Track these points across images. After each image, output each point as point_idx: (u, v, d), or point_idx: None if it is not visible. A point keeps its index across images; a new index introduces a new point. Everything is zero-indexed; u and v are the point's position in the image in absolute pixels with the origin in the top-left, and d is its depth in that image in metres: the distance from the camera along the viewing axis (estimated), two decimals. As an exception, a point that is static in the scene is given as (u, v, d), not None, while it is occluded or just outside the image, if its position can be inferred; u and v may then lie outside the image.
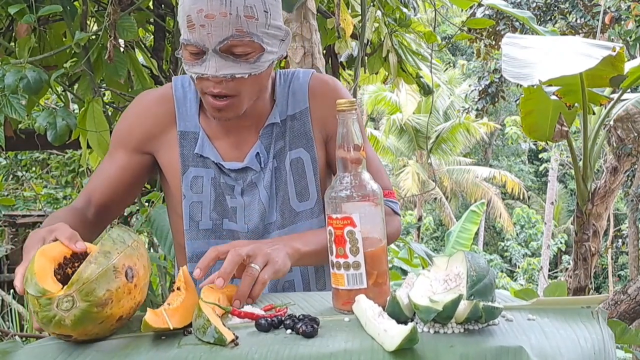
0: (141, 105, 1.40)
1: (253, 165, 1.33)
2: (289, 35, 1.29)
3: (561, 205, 19.07)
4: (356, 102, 1.05)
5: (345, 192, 1.02)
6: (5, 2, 2.23)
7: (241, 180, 1.34)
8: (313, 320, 0.94)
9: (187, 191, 1.34)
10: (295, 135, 1.36)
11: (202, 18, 1.18)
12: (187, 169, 1.34)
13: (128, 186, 1.37)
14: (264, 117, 1.35)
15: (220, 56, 1.20)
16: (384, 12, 3.10)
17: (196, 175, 1.34)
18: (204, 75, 1.21)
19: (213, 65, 1.20)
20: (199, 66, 1.21)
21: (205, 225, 1.34)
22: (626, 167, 3.93)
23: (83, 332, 0.92)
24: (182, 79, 1.39)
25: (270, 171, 1.34)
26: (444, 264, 0.97)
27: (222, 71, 1.20)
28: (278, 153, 1.35)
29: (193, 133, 1.34)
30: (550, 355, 0.84)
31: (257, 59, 1.22)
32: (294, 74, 1.40)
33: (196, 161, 1.34)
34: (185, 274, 1.07)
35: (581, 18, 7.37)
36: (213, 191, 1.34)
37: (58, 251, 0.99)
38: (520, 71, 2.39)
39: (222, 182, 1.34)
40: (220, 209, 1.34)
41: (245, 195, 1.34)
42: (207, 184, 1.34)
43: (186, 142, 1.34)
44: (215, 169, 1.34)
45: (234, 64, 1.21)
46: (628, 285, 3.50)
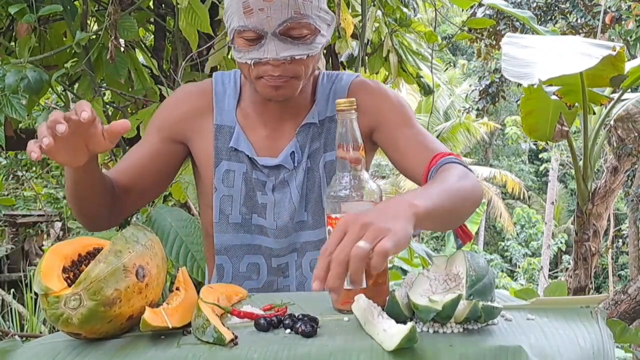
0: (181, 96, 1.42)
1: (286, 164, 1.34)
2: (334, 21, 1.31)
3: (561, 205, 19.07)
4: (355, 101, 1.05)
5: (344, 191, 1.02)
6: (5, 2, 2.23)
7: (273, 177, 1.35)
8: (312, 320, 0.94)
9: (218, 184, 1.36)
10: (332, 138, 1.35)
11: (260, 2, 1.20)
12: (219, 162, 1.35)
13: (153, 173, 1.37)
14: (302, 115, 1.36)
15: (279, 39, 1.22)
16: (384, 12, 3.10)
17: (228, 169, 1.35)
18: (264, 59, 1.22)
19: (272, 48, 1.22)
20: (256, 51, 1.23)
21: (235, 219, 1.36)
22: (626, 167, 3.94)
23: (91, 331, 0.92)
24: (222, 75, 1.42)
25: (303, 171, 1.34)
26: (444, 264, 0.97)
27: (282, 53, 1.22)
28: (313, 153, 1.35)
29: (229, 127, 1.36)
30: (549, 355, 0.84)
31: (313, 40, 1.25)
32: (338, 76, 1.40)
33: (229, 155, 1.35)
34: (184, 274, 1.07)
35: (581, 18, 7.37)
36: (244, 186, 1.35)
37: (71, 249, 0.99)
38: (520, 70, 2.39)
39: (253, 177, 1.35)
40: (250, 204, 1.35)
41: (276, 192, 1.34)
42: (238, 178, 1.35)
43: (221, 136, 1.36)
44: (248, 164, 1.35)
45: (292, 46, 1.23)
46: (628, 285, 3.50)
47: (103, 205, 1.30)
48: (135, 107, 2.61)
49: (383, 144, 1.37)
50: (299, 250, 1.36)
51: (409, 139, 1.32)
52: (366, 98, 1.35)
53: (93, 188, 1.25)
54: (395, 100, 1.38)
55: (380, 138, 1.36)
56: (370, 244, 0.86)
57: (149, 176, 1.38)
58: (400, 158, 1.33)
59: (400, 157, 1.33)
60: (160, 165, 1.38)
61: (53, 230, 6.74)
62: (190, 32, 2.30)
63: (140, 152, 1.39)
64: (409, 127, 1.34)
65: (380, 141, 1.37)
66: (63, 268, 0.95)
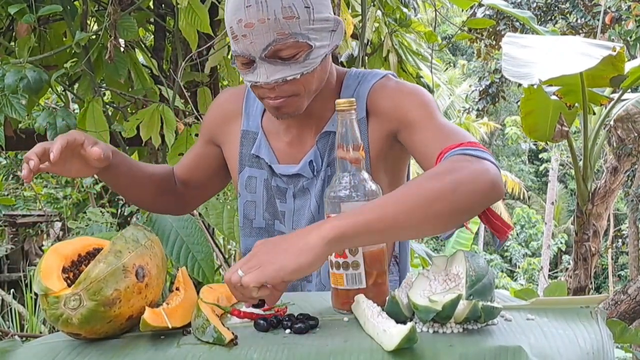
0: (219, 100, 1.48)
1: (305, 173, 1.31)
2: (341, 24, 1.25)
3: (561, 205, 19.06)
4: (354, 101, 1.05)
5: (344, 191, 1.02)
6: (5, 2, 2.23)
7: (292, 185, 1.33)
8: (312, 320, 0.94)
9: (242, 190, 1.38)
10: None
11: (242, 28, 1.17)
12: (243, 168, 1.38)
13: (203, 171, 1.47)
14: (325, 121, 1.31)
15: (269, 62, 1.18)
16: (384, 12, 3.10)
17: (250, 176, 1.37)
18: (257, 83, 1.21)
19: (263, 72, 1.19)
20: (251, 74, 1.21)
21: (259, 224, 1.38)
22: (626, 167, 3.93)
23: (91, 331, 0.92)
24: None
25: (322, 180, 1.31)
26: (443, 264, 0.97)
27: (273, 77, 1.18)
28: (332, 162, 1.30)
29: (253, 133, 1.37)
30: (549, 355, 0.84)
31: (306, 57, 1.19)
32: (364, 76, 1.32)
33: (252, 161, 1.37)
34: (184, 274, 1.07)
35: (581, 18, 7.37)
36: (265, 193, 1.36)
37: (71, 249, 0.99)
38: (520, 70, 2.39)
39: (273, 185, 1.35)
40: (272, 210, 1.37)
41: (297, 200, 1.33)
42: (260, 185, 1.36)
43: (246, 142, 1.37)
44: (268, 171, 1.35)
45: (284, 67, 1.18)
46: (628, 285, 3.50)
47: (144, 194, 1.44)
48: (135, 107, 2.61)
49: (407, 146, 1.27)
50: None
51: (428, 137, 1.21)
52: (385, 102, 1.28)
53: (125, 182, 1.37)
54: (415, 98, 1.26)
55: (404, 139, 1.27)
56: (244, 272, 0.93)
57: (201, 173, 1.47)
58: (421, 158, 1.23)
59: (422, 157, 1.22)
60: (207, 164, 1.47)
61: (53, 230, 6.74)
62: (190, 32, 2.30)
63: (193, 151, 1.50)
64: (430, 124, 1.23)
65: (404, 142, 1.27)
66: (63, 268, 0.96)
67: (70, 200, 5.17)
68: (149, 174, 1.43)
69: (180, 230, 2.23)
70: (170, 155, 2.42)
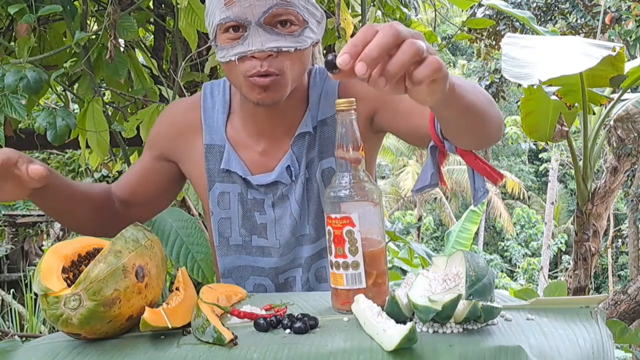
0: (170, 113, 1.38)
1: (283, 179, 1.28)
2: (324, 19, 1.25)
3: (561, 205, 19.07)
4: (354, 101, 1.05)
5: (344, 191, 1.02)
6: (5, 2, 2.23)
7: (271, 194, 1.29)
8: (311, 320, 0.94)
9: (214, 208, 1.31)
10: (326, 143, 1.29)
11: None
12: (213, 185, 1.30)
13: (149, 188, 1.37)
14: (296, 124, 1.28)
15: (264, 29, 1.14)
16: (384, 12, 3.10)
17: (222, 191, 1.30)
18: (249, 52, 1.14)
19: (257, 40, 1.14)
20: (240, 45, 1.15)
21: (235, 241, 1.32)
22: (626, 167, 3.93)
23: (91, 331, 0.92)
24: (211, 86, 1.35)
25: (302, 184, 1.28)
26: (443, 264, 0.97)
27: (268, 44, 1.14)
28: (310, 164, 1.29)
29: (219, 146, 1.30)
30: (549, 355, 0.84)
31: (301, 33, 1.18)
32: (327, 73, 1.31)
33: (222, 176, 1.30)
34: (184, 274, 1.07)
35: (581, 18, 7.37)
36: (240, 207, 1.30)
37: (71, 249, 0.99)
38: (520, 71, 2.39)
39: (249, 198, 1.29)
40: (249, 225, 1.30)
41: (276, 208, 1.29)
42: (234, 200, 1.30)
43: (212, 156, 1.30)
44: (242, 184, 1.29)
45: (279, 37, 1.15)
46: (628, 285, 3.50)
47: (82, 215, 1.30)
48: (135, 107, 2.61)
49: (387, 121, 1.27)
50: (303, 266, 1.31)
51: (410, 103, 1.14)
52: (359, 86, 1.26)
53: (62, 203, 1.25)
54: None
55: (384, 117, 1.27)
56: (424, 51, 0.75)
57: (147, 190, 1.37)
58: (406, 124, 1.22)
59: (406, 122, 1.22)
60: (156, 181, 1.37)
61: (53, 230, 6.74)
62: (190, 32, 2.30)
63: (137, 167, 1.39)
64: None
65: (383, 120, 1.27)
66: (63, 268, 0.96)
67: (70, 200, 5.16)
68: (86, 194, 1.30)
69: (180, 231, 2.23)
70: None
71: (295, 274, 1.32)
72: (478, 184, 1.19)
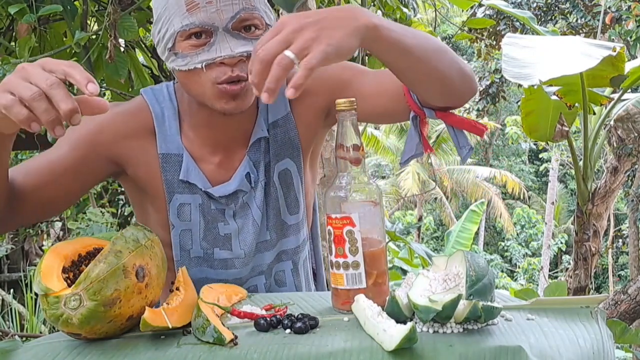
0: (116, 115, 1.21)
1: (243, 187, 1.23)
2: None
3: (561, 205, 19.07)
4: (355, 101, 1.05)
5: (344, 191, 1.02)
6: (5, 2, 2.23)
7: (233, 204, 1.24)
8: (311, 320, 0.94)
9: (174, 220, 1.22)
10: (280, 145, 1.26)
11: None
12: (172, 196, 1.22)
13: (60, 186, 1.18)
14: (249, 130, 1.24)
15: (231, 34, 1.11)
16: (384, 12, 3.10)
17: (182, 203, 1.22)
18: (218, 58, 1.10)
19: (226, 45, 1.10)
20: (207, 52, 1.10)
21: (196, 253, 1.25)
22: (626, 167, 3.93)
23: (91, 331, 0.92)
24: (153, 92, 1.25)
25: (261, 189, 1.24)
26: (443, 264, 0.97)
27: (238, 49, 1.10)
28: (267, 168, 1.25)
29: (176, 155, 1.21)
30: (549, 355, 0.84)
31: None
32: None
33: (182, 187, 1.22)
34: (184, 274, 1.07)
35: (582, 18, 7.37)
36: (202, 219, 1.23)
37: (71, 249, 0.99)
38: (520, 71, 2.39)
39: (212, 208, 1.23)
40: (211, 237, 1.24)
41: (238, 218, 1.24)
42: (195, 212, 1.23)
43: (169, 166, 1.21)
44: (202, 196, 1.23)
45: (246, 42, 1.11)
46: (628, 285, 3.50)
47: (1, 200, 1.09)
48: (135, 107, 2.61)
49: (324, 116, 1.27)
50: (265, 272, 1.29)
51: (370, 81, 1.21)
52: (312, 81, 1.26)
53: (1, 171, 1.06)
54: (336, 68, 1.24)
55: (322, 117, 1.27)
56: (297, 55, 0.87)
57: (55, 188, 1.17)
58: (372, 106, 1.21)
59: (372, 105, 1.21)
60: (74, 180, 1.19)
61: (53, 230, 6.74)
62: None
63: (54, 161, 1.18)
64: (364, 75, 1.23)
65: None
66: (63, 268, 0.96)
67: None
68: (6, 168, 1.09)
69: (181, 230, 2.23)
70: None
71: (257, 282, 1.29)
72: (462, 142, 1.20)
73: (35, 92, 0.85)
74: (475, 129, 1.19)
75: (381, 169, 18.89)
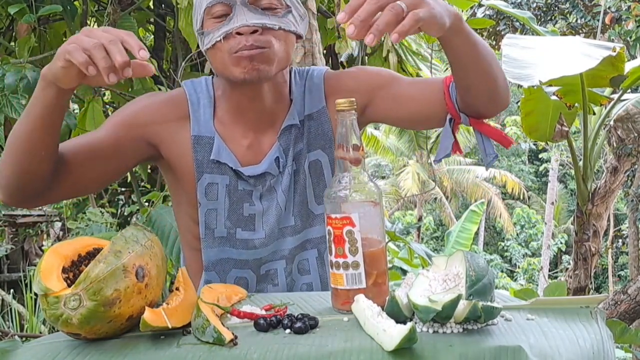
0: (157, 100, 1.34)
1: (272, 170, 1.30)
2: (307, 18, 1.30)
3: (561, 205, 19.07)
4: (355, 101, 1.05)
5: (344, 191, 1.02)
6: (5, 2, 2.24)
7: (260, 186, 1.30)
8: (311, 320, 0.94)
9: (202, 198, 1.30)
10: (314, 136, 1.33)
11: None
12: (201, 176, 1.29)
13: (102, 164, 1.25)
14: (281, 118, 1.32)
15: (249, 8, 1.20)
16: (384, 12, 3.09)
17: (211, 182, 1.30)
18: (234, 27, 1.19)
19: (242, 17, 1.19)
20: (225, 26, 1.20)
21: (220, 232, 1.31)
22: (626, 167, 3.93)
23: (91, 331, 0.92)
24: (192, 83, 1.35)
25: (289, 175, 1.31)
26: (443, 264, 0.97)
27: (253, 20, 1.19)
28: (297, 155, 1.32)
29: (208, 138, 1.30)
30: (549, 355, 0.84)
31: (284, 15, 1.23)
32: (308, 72, 1.38)
33: (211, 167, 1.29)
34: (184, 274, 1.07)
35: (581, 18, 7.37)
36: (227, 199, 1.30)
37: (71, 249, 0.99)
38: (520, 72, 2.39)
39: (239, 188, 1.30)
40: (235, 217, 1.30)
41: (264, 200, 1.31)
42: (222, 191, 1.30)
43: (200, 147, 1.29)
44: (231, 176, 1.30)
45: (263, 16, 1.20)
46: (628, 285, 3.50)
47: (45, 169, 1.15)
48: (135, 107, 2.61)
49: (383, 110, 1.34)
50: (287, 257, 1.33)
51: (407, 86, 1.32)
52: (347, 81, 1.35)
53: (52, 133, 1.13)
54: (374, 70, 1.38)
55: (379, 106, 1.33)
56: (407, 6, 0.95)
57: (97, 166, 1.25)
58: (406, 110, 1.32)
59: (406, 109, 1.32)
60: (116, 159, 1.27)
61: (53, 230, 6.74)
62: (190, 32, 2.30)
63: (99, 139, 1.26)
64: (401, 80, 1.34)
65: (378, 110, 1.34)
66: (63, 268, 0.95)
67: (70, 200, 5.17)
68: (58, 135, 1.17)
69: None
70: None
71: (277, 266, 1.33)
72: (489, 150, 1.30)
73: (96, 42, 0.98)
74: (504, 140, 1.29)
75: (381, 169, 18.90)
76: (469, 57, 1.16)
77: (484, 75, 1.19)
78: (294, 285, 1.34)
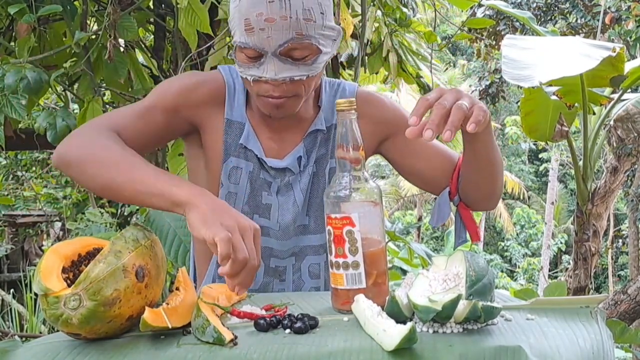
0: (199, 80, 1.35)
1: (293, 167, 1.34)
2: (340, 35, 1.30)
3: (561, 205, 19.07)
4: (354, 101, 1.05)
5: (344, 191, 1.02)
6: (5, 2, 2.23)
7: (279, 179, 1.34)
8: (311, 320, 0.94)
9: (225, 180, 1.33)
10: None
11: (261, 22, 1.17)
12: (228, 158, 1.33)
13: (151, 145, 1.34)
14: (308, 122, 1.36)
15: (279, 59, 1.20)
16: (384, 12, 3.10)
17: (236, 166, 1.33)
18: (263, 78, 1.21)
19: (272, 68, 1.20)
20: (256, 69, 1.22)
21: None
22: (626, 167, 3.93)
23: (91, 331, 0.92)
24: (229, 68, 1.38)
25: (308, 175, 1.35)
26: (443, 264, 0.97)
27: (282, 74, 1.20)
28: (320, 159, 1.36)
29: (239, 123, 1.34)
30: (549, 355, 0.84)
31: (314, 61, 1.23)
32: (340, 85, 1.42)
33: (238, 151, 1.33)
34: (183, 274, 1.07)
35: (581, 18, 7.37)
36: (249, 185, 1.33)
37: (71, 249, 0.99)
38: (520, 73, 2.39)
39: (260, 177, 1.34)
40: (253, 203, 1.33)
41: (279, 195, 1.34)
42: (244, 177, 1.33)
43: (231, 131, 1.33)
44: (255, 163, 1.33)
45: (292, 67, 1.21)
46: (628, 285, 3.50)
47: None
48: (135, 107, 2.61)
49: (396, 150, 1.40)
50: (297, 255, 1.36)
51: (425, 144, 1.36)
52: (375, 110, 1.38)
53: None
54: (402, 111, 1.41)
55: (394, 145, 1.39)
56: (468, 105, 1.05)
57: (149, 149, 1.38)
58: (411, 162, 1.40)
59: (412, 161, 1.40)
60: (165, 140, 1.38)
61: (53, 230, 6.75)
62: (190, 32, 2.30)
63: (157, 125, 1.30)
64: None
65: (392, 148, 1.40)
66: (63, 268, 0.95)
67: (70, 201, 5.17)
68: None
69: (178, 230, 2.23)
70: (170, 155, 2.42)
71: (286, 264, 1.35)
72: (462, 234, 1.44)
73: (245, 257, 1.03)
74: (474, 233, 1.43)
75: (381, 169, 18.88)
76: (486, 159, 1.27)
77: (491, 177, 1.31)
78: (303, 286, 1.36)
